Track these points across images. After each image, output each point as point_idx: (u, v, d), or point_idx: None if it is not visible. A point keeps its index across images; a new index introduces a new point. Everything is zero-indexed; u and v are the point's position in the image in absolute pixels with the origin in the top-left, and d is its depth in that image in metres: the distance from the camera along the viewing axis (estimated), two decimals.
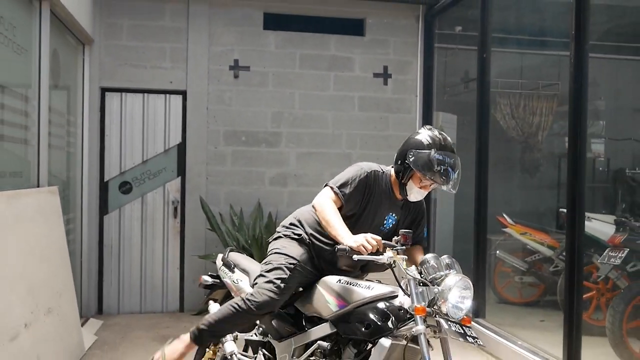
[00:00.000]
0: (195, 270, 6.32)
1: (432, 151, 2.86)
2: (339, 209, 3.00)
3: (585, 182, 4.16)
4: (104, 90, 6.25)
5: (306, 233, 3.15)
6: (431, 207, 6.91)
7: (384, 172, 3.10)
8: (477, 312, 5.54)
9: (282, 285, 2.97)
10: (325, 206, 2.96)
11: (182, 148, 6.39)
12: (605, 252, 4.67)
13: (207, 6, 6.39)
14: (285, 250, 3.10)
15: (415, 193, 3.00)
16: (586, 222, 4.98)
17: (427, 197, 6.76)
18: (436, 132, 2.97)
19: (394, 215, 3.09)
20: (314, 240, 3.11)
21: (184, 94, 6.38)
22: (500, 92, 7.49)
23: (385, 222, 3.08)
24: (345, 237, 2.79)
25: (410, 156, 2.90)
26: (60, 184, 5.14)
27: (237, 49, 6.49)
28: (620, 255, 4.48)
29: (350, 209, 3.03)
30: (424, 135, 2.95)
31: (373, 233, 2.81)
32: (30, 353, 3.71)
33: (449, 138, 2.98)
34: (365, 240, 2.70)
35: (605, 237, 4.79)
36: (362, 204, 3.03)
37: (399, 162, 2.98)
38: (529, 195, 7.67)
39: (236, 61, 6.48)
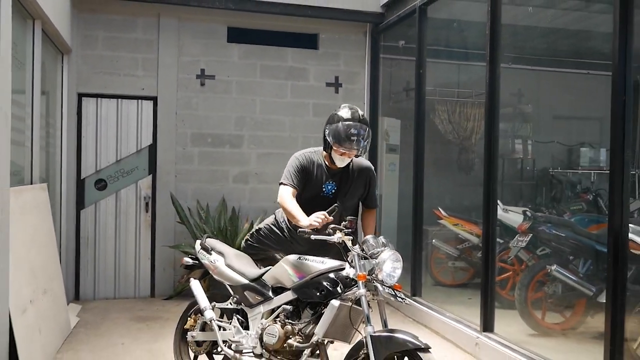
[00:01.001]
0: (165, 259, 7.00)
1: (340, 124, 3.69)
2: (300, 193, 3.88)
3: (497, 180, 5.06)
4: (80, 96, 6.83)
5: (283, 220, 4.07)
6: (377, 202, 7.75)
7: (316, 151, 3.98)
8: (415, 291, 6.43)
9: (249, 241, 4.28)
10: (285, 202, 3.80)
11: (153, 149, 7.04)
12: (515, 237, 5.63)
13: (176, 20, 7.05)
14: (262, 224, 4.25)
15: (338, 160, 3.82)
16: (504, 214, 5.96)
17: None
18: (346, 108, 3.79)
19: (332, 182, 3.92)
20: (289, 224, 3.98)
21: (154, 99, 7.03)
22: (438, 99, 8.39)
23: (324, 188, 3.91)
24: (303, 221, 3.59)
25: (326, 131, 3.78)
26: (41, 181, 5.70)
27: (203, 59, 7.18)
28: (525, 239, 5.44)
29: (300, 186, 3.89)
30: (339, 111, 3.80)
31: (315, 198, 3.79)
32: (34, 326, 4.35)
33: (359, 111, 3.78)
34: (314, 219, 3.53)
35: (516, 225, 5.74)
36: (305, 180, 3.89)
37: (323, 137, 3.83)
38: (462, 191, 8.58)
39: (202, 70, 7.16)
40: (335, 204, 3.64)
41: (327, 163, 3.92)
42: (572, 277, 5.12)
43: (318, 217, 3.52)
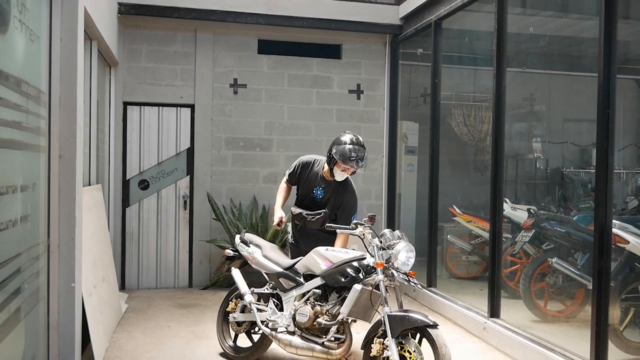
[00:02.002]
0: (202, 253, 7.67)
1: (346, 146, 4.53)
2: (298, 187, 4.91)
3: (503, 179, 5.61)
4: (126, 104, 7.53)
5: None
6: (396, 201, 8.35)
7: (319, 160, 4.87)
8: (430, 282, 7.00)
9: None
10: (278, 190, 5.06)
11: (190, 152, 7.72)
12: (520, 232, 6.17)
13: (211, 34, 7.71)
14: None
15: (338, 174, 4.66)
16: (512, 211, 6.50)
17: (392, 192, 8.16)
18: (352, 134, 4.66)
19: (321, 189, 4.77)
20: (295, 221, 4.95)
21: (192, 107, 7.70)
22: (454, 104, 8.91)
23: (314, 191, 4.78)
24: (275, 212, 4.81)
25: (334, 149, 4.58)
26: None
27: (236, 69, 7.83)
28: (528, 234, 5.98)
29: (295, 182, 4.88)
30: (344, 136, 4.66)
31: (306, 197, 4.73)
32: (97, 308, 5.03)
33: (360, 138, 4.66)
34: (275, 218, 4.78)
35: (522, 221, 6.28)
36: (299, 178, 4.84)
37: (328, 153, 4.63)
38: (476, 190, 9.08)
39: (235, 80, 7.82)
40: (324, 210, 4.63)
41: (323, 174, 4.79)
42: (571, 269, 5.63)
43: (275, 221, 4.83)
